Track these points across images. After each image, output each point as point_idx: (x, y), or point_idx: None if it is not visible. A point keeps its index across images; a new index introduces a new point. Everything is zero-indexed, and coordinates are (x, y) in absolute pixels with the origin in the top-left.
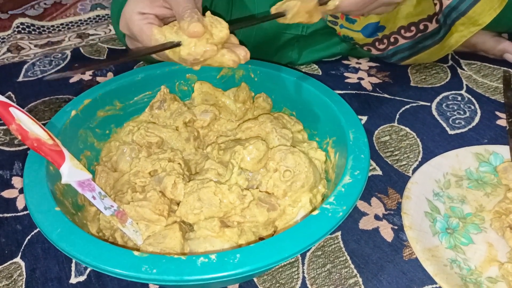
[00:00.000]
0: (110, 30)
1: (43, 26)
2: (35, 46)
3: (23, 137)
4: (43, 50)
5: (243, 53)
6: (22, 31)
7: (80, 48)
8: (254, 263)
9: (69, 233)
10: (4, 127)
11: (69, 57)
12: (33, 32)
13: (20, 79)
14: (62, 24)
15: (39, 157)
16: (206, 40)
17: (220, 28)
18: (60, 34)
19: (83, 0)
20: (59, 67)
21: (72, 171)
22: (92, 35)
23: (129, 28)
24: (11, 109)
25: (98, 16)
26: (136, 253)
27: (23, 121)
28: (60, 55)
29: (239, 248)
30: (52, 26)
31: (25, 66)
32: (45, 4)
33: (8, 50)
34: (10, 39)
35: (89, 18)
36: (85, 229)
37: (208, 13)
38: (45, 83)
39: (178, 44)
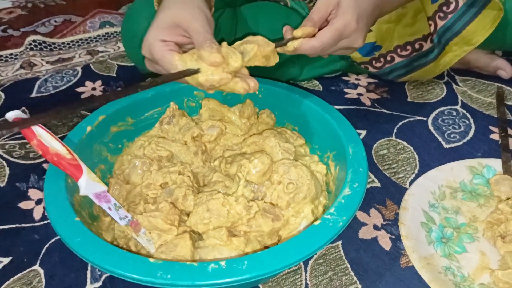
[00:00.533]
0: (119, 47)
1: (54, 43)
2: (47, 62)
3: (44, 152)
4: (54, 67)
5: (253, 84)
6: (34, 48)
7: (91, 65)
8: (261, 269)
9: (89, 241)
10: (20, 141)
11: (80, 73)
12: (44, 49)
13: (33, 94)
14: (72, 41)
15: (58, 170)
16: (223, 69)
17: (235, 59)
18: (71, 51)
19: (92, 18)
20: (70, 83)
21: (89, 184)
22: (102, 52)
23: (151, 53)
24: (32, 126)
25: (107, 33)
26: (151, 260)
27: (43, 137)
28: (71, 71)
29: (246, 255)
30: (63, 43)
31: (38, 82)
32: (55, 21)
33: (21, 67)
34: (23, 55)
35: (98, 35)
36: (101, 238)
37: (224, 43)
38: (58, 99)
39: (197, 71)
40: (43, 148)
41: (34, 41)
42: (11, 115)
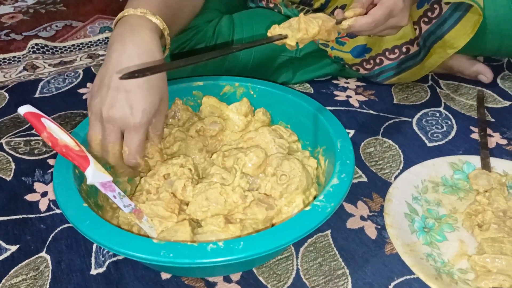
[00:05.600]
0: None
1: (56, 47)
2: (49, 65)
3: (53, 144)
4: (56, 69)
5: None
6: (37, 51)
7: (92, 67)
8: (256, 249)
9: (97, 224)
10: (25, 139)
11: (81, 76)
12: (47, 52)
13: (37, 95)
14: (73, 45)
15: (66, 162)
16: (303, 34)
17: (312, 27)
18: (72, 54)
19: (91, 23)
20: (72, 85)
21: (95, 174)
22: (102, 55)
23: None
24: (43, 119)
25: (106, 38)
26: (155, 240)
27: (53, 130)
28: (73, 73)
29: (243, 237)
30: (64, 47)
31: (41, 84)
32: (56, 26)
33: (24, 69)
34: (26, 58)
35: (98, 40)
36: None
37: (301, 14)
38: (60, 99)
39: (286, 37)
40: (52, 140)
41: (36, 44)
42: (22, 109)
